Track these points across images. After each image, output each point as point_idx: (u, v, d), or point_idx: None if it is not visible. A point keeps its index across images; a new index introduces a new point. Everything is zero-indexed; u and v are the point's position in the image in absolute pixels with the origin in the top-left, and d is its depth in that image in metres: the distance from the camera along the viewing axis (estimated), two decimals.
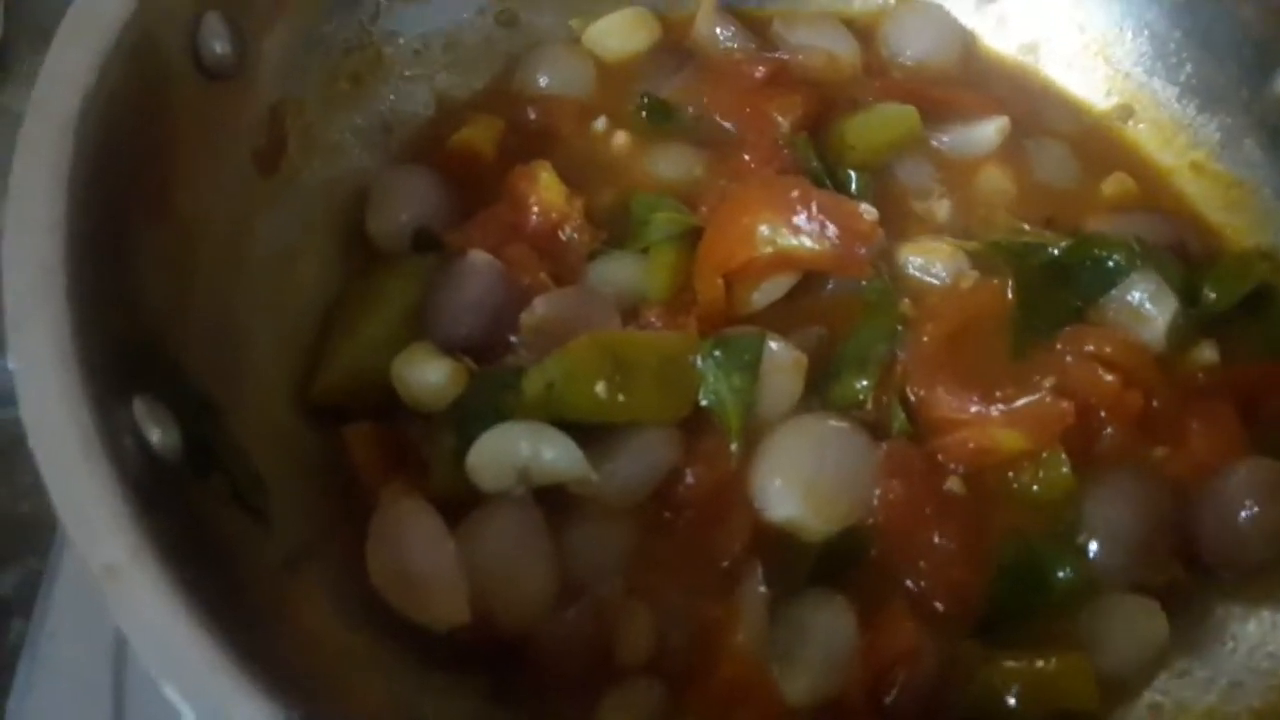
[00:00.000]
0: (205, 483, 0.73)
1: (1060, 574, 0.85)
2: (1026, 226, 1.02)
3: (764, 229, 0.93)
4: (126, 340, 0.70)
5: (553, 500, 0.85)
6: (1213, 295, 0.97)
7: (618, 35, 1.14)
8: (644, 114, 1.08)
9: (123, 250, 0.74)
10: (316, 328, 0.93)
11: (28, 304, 0.63)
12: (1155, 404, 0.93)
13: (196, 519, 0.71)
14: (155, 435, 0.68)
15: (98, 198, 0.69)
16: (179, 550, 0.62)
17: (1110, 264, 0.95)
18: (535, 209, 0.97)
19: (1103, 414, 0.91)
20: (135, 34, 0.76)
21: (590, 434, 0.85)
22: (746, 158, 1.04)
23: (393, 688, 0.77)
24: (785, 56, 1.13)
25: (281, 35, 0.94)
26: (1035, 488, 0.88)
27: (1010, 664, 0.81)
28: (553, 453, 0.83)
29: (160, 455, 0.69)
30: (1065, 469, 0.87)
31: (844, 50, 1.14)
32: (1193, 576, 0.89)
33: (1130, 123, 1.14)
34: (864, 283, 0.97)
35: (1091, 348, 0.92)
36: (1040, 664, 0.81)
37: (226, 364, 0.82)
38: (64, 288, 0.64)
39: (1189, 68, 1.11)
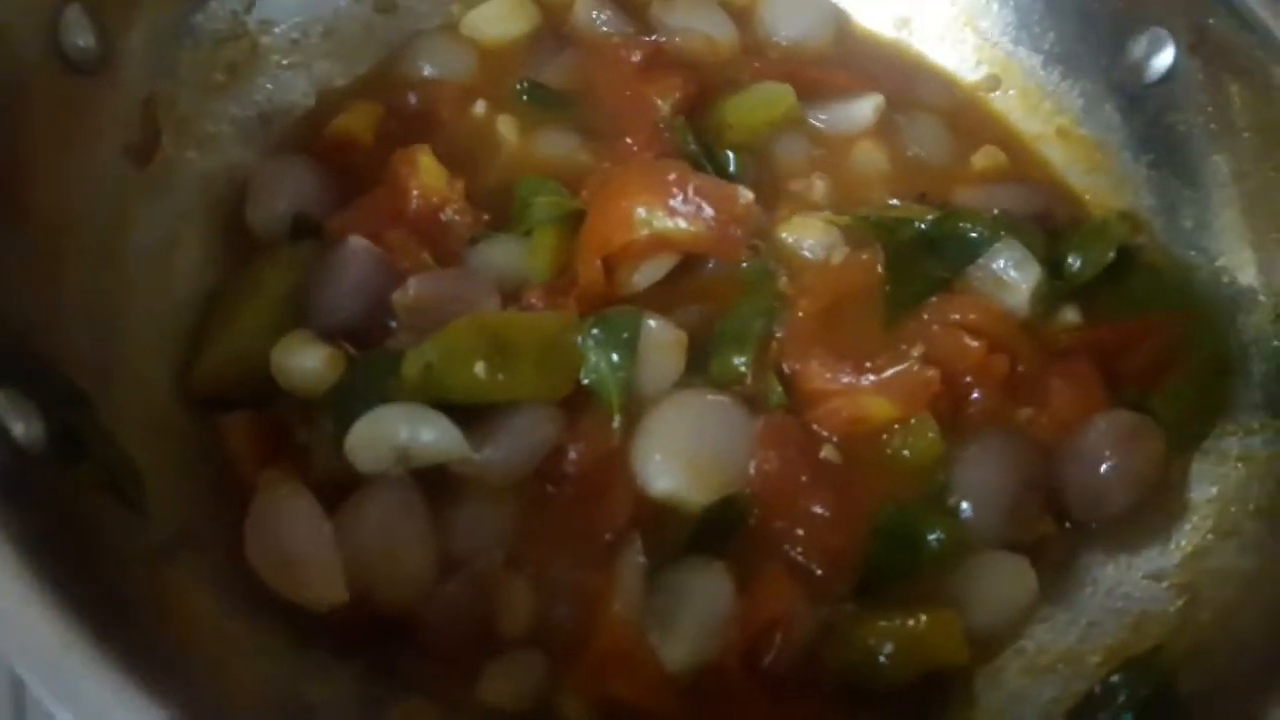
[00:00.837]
0: (75, 472, 0.73)
1: (932, 536, 0.88)
2: (897, 202, 1.05)
3: (641, 211, 0.95)
4: None
5: (434, 480, 0.86)
6: (1076, 263, 1.01)
7: (497, 21, 1.15)
8: (525, 98, 1.09)
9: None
10: (196, 319, 0.93)
11: None
12: (1020, 367, 0.96)
13: (67, 510, 0.71)
14: (18, 428, 0.69)
15: None
16: (47, 543, 0.63)
17: (973, 235, 0.99)
18: (416, 193, 0.98)
19: (969, 379, 0.94)
20: None
21: (471, 414, 0.86)
22: (629, 141, 1.05)
23: (274, 672, 0.78)
24: (663, 40, 1.15)
25: (149, 26, 0.94)
26: (906, 453, 0.91)
27: (882, 624, 0.84)
28: (431, 434, 0.84)
29: (24, 447, 0.69)
30: (933, 434, 0.90)
31: (721, 32, 1.16)
32: (1060, 529, 0.93)
33: (999, 92, 1.18)
34: (743, 263, 0.99)
35: (957, 316, 0.95)
36: (910, 623, 0.84)
37: (101, 355, 0.82)
38: None
39: (1051, 36, 1.14)
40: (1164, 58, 1.04)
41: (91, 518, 0.73)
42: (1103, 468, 0.92)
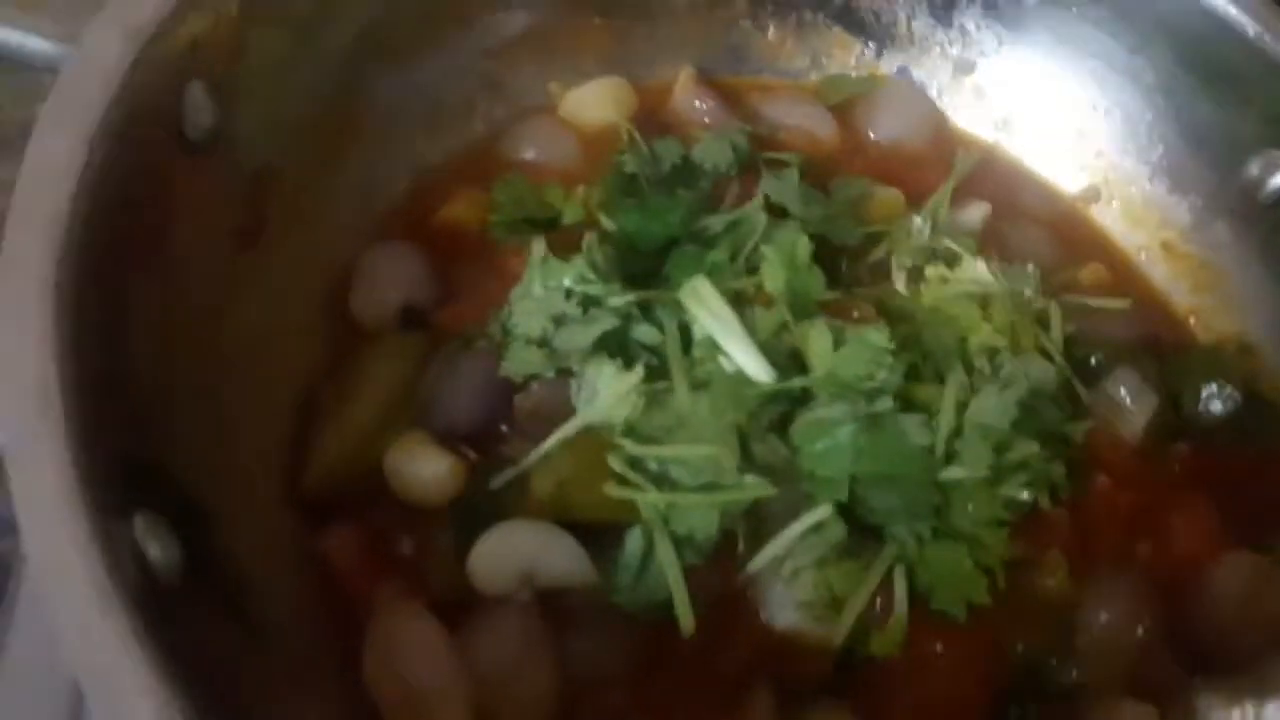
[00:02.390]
0: (202, 596, 0.68)
1: (1060, 679, 0.85)
2: None
3: None
4: (125, 450, 0.65)
5: (554, 602, 0.82)
6: (1206, 405, 0.99)
7: (594, 105, 1.13)
8: None
9: (116, 348, 0.68)
10: (301, 415, 0.88)
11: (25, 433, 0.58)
12: (1139, 498, 0.94)
13: (197, 635, 0.65)
14: (154, 551, 0.64)
15: (90, 303, 0.65)
16: (181, 669, 0.58)
17: (1092, 362, 0.98)
18: None
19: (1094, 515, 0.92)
20: (120, 115, 0.71)
21: (592, 533, 0.82)
22: None
23: None
24: (764, 132, 1.13)
25: (263, 101, 0.89)
26: (1036, 593, 0.88)
27: None
28: (560, 557, 0.80)
29: (159, 572, 0.64)
30: (1064, 574, 0.88)
31: (822, 128, 1.16)
32: (1183, 671, 0.90)
33: (1101, 203, 1.16)
34: None
35: None
36: None
37: (214, 464, 0.77)
38: (60, 411, 0.59)
39: (1160, 149, 1.12)
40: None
41: (218, 644, 0.68)
42: (1226, 612, 0.90)
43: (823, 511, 0.83)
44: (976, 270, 0.95)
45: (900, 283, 0.97)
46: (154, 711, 0.54)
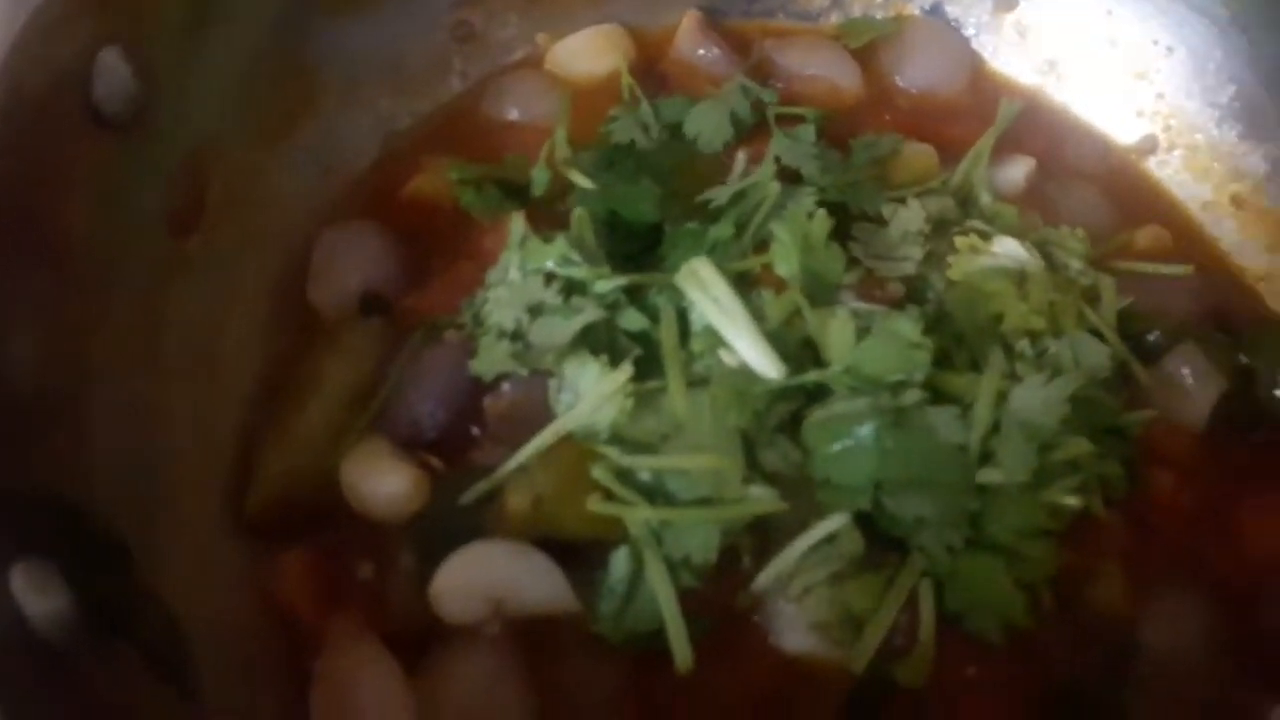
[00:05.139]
0: (109, 654, 0.59)
1: (1116, 711, 0.77)
2: None
3: None
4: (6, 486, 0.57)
5: (530, 630, 0.74)
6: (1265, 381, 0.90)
7: (587, 56, 1.05)
8: None
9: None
10: (246, 421, 0.81)
11: None
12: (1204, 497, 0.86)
13: (100, 703, 0.57)
14: (38, 608, 0.56)
15: None
16: None
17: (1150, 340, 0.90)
18: None
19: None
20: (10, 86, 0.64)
21: (571, 552, 0.75)
22: None
23: None
24: (779, 85, 1.04)
25: (194, 67, 0.80)
26: (1087, 611, 0.79)
27: None
28: (535, 583, 0.73)
29: (46, 632, 0.55)
30: (1119, 588, 0.80)
31: (846, 78, 1.07)
32: (1255, 692, 0.81)
33: (1160, 154, 1.06)
34: None
35: None
36: None
37: (137, 491, 0.69)
38: None
39: (1231, 90, 1.02)
40: None
41: (139, 707, 0.60)
42: None
43: (838, 520, 0.76)
44: (1008, 246, 0.84)
45: (926, 255, 0.86)
46: None
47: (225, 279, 0.83)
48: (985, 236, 0.85)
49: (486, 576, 0.73)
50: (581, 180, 0.90)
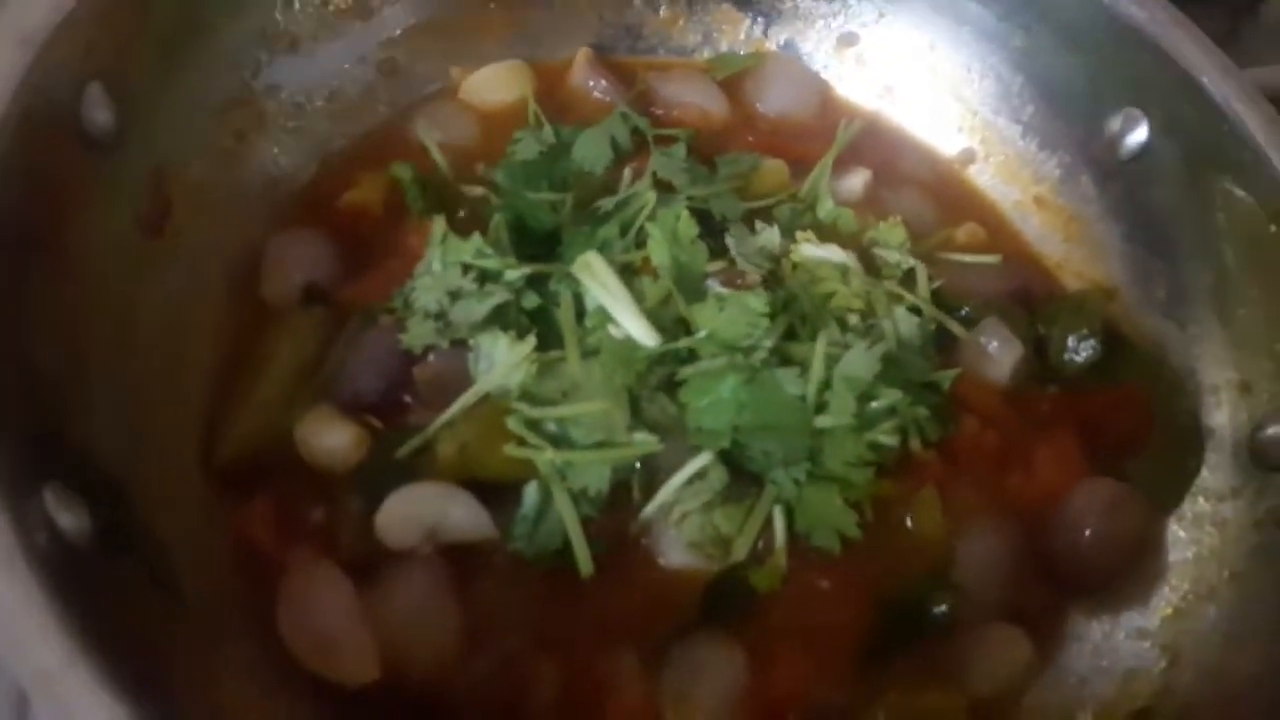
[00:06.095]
0: (120, 566, 0.73)
1: (937, 610, 0.91)
2: None
3: None
4: (32, 428, 0.70)
5: (461, 557, 0.87)
6: (1070, 356, 1.07)
7: (495, 86, 1.17)
8: None
9: (19, 333, 0.73)
10: (213, 391, 0.93)
11: None
12: (1005, 436, 1.01)
13: (115, 602, 0.70)
14: (66, 521, 0.68)
15: None
16: (98, 635, 0.63)
17: (963, 314, 1.05)
18: None
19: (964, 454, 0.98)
20: (18, 117, 0.75)
21: (495, 492, 0.88)
22: None
23: None
24: (659, 112, 1.18)
25: (164, 98, 0.93)
26: (910, 530, 0.94)
27: (892, 699, 0.87)
28: (461, 514, 0.86)
29: (74, 543, 0.69)
30: (937, 511, 0.94)
31: (714, 105, 1.20)
32: (1051, 594, 0.97)
33: (978, 163, 1.22)
34: None
35: None
36: (916, 700, 0.88)
37: (128, 440, 0.81)
38: None
39: (1030, 109, 1.19)
40: (1137, 136, 1.08)
41: (137, 611, 0.73)
42: (1086, 535, 0.96)
43: (705, 458, 0.89)
44: (828, 251, 1.01)
45: (777, 250, 1.03)
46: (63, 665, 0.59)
47: (190, 274, 0.95)
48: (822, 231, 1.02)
49: (421, 509, 0.85)
50: (496, 201, 1.03)
